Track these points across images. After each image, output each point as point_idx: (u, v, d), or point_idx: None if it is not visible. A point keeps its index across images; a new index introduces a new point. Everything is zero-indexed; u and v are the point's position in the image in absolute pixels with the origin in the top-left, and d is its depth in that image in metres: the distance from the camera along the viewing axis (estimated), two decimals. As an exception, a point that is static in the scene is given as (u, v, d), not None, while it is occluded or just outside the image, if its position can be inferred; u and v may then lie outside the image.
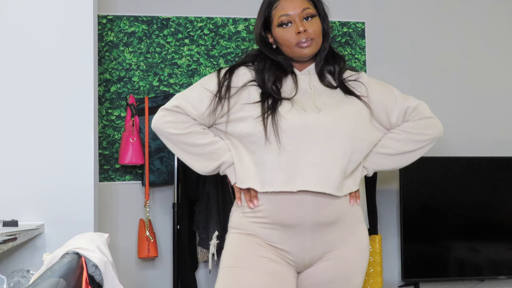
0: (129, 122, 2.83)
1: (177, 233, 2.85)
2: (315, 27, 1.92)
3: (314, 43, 1.91)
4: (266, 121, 1.80)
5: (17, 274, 1.69)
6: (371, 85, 2.01)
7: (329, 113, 1.86)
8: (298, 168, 1.80)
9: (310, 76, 1.96)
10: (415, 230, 3.05)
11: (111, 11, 3.01)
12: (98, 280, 1.37)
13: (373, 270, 2.99)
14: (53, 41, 2.14)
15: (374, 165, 2.00)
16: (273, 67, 1.94)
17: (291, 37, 1.90)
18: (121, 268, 2.70)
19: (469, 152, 3.22)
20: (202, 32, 3.08)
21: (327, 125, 1.84)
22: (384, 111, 1.98)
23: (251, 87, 1.90)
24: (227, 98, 1.88)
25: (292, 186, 1.79)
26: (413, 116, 2.00)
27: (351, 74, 2.02)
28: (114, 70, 2.99)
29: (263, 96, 1.87)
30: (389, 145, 1.99)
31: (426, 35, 3.31)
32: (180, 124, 1.90)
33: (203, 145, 1.90)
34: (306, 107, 1.85)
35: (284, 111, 1.83)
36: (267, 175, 1.81)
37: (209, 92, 1.90)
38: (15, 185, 2.09)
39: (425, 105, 2.04)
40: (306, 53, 1.91)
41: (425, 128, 2.00)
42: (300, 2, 1.93)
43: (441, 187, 3.09)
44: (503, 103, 3.36)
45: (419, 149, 2.01)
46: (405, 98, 2.02)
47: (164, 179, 2.89)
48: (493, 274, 3.11)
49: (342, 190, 1.86)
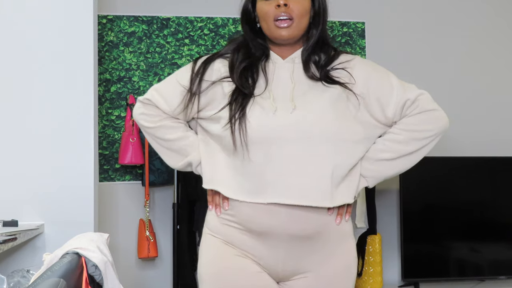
0: (129, 122, 2.83)
1: (177, 233, 2.85)
2: (300, 5, 1.69)
3: (294, 25, 1.69)
4: (234, 128, 1.63)
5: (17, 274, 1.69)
6: (364, 73, 1.75)
7: (306, 111, 1.64)
8: (269, 178, 1.60)
9: (294, 65, 1.74)
10: (415, 230, 3.05)
11: (111, 11, 3.01)
12: (98, 280, 1.37)
13: (373, 270, 2.99)
14: (53, 41, 2.14)
15: (374, 174, 1.74)
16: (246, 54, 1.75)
17: (270, 10, 1.68)
18: (121, 268, 2.70)
19: (469, 152, 3.22)
20: (202, 32, 3.08)
21: (302, 126, 1.62)
22: (378, 103, 1.72)
23: (224, 83, 1.72)
24: (198, 94, 1.73)
25: (263, 197, 1.60)
26: (412, 110, 1.73)
27: (341, 61, 1.77)
28: (114, 70, 2.99)
29: (233, 95, 1.68)
30: (388, 148, 1.73)
31: (426, 35, 3.31)
32: (150, 117, 1.78)
33: (172, 140, 1.78)
34: (280, 104, 1.65)
35: (253, 114, 1.64)
36: (238, 181, 1.65)
37: (182, 87, 1.75)
38: (15, 185, 2.09)
39: (427, 95, 1.77)
40: (283, 34, 1.69)
41: (427, 123, 1.74)
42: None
43: (441, 187, 3.09)
44: (503, 103, 3.36)
45: (423, 147, 1.76)
46: (404, 87, 1.75)
47: (164, 179, 2.89)
48: (493, 274, 3.11)
49: (333, 200, 1.63)
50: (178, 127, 1.78)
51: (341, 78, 1.71)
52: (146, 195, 2.87)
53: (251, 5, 1.77)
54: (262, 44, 1.76)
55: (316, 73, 1.73)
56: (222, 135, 1.67)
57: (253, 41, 1.76)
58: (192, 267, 2.87)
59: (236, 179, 1.65)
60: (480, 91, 3.34)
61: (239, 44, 1.78)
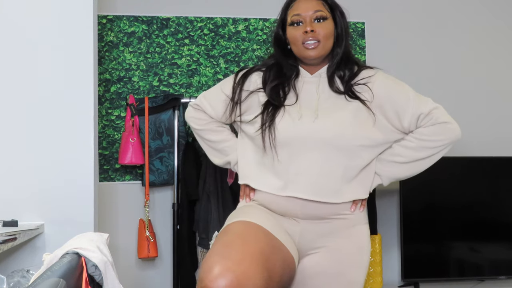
0: (129, 122, 2.83)
1: (177, 233, 2.85)
2: (325, 29, 1.96)
3: (321, 46, 1.96)
4: (264, 133, 1.93)
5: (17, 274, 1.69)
6: (384, 86, 1.99)
7: (326, 120, 1.91)
8: (291, 175, 1.90)
9: (320, 79, 2.01)
10: (415, 230, 3.05)
11: (111, 11, 3.01)
12: (98, 280, 1.37)
13: (373, 270, 2.99)
14: (53, 41, 2.14)
15: (387, 174, 2.01)
16: (278, 73, 2.03)
17: (299, 35, 1.96)
18: (121, 268, 2.70)
19: (469, 152, 3.22)
20: (202, 32, 3.08)
21: (321, 133, 1.89)
22: (395, 115, 1.96)
23: (260, 93, 2.03)
24: (239, 103, 2.04)
25: (283, 191, 1.91)
26: (426, 122, 1.96)
27: (363, 76, 2.01)
28: (114, 70, 2.99)
29: (265, 106, 1.98)
30: (400, 153, 1.99)
31: (426, 35, 3.31)
32: (199, 121, 2.13)
33: (215, 142, 2.13)
34: (304, 114, 1.93)
35: (281, 122, 1.93)
36: (264, 177, 1.96)
37: (225, 95, 2.07)
38: (15, 185, 2.09)
39: (441, 109, 1.99)
40: (311, 54, 1.96)
41: (439, 133, 1.96)
42: (313, 4, 1.99)
43: (441, 187, 3.09)
44: (503, 103, 3.36)
45: (433, 155, 1.99)
46: (420, 102, 1.98)
47: (164, 179, 2.89)
48: (493, 274, 3.11)
49: (342, 197, 1.92)
50: (221, 131, 2.13)
51: (362, 93, 1.97)
52: (146, 195, 2.87)
53: (281, 30, 2.05)
54: (293, 64, 2.05)
55: (340, 87, 1.99)
56: (255, 137, 1.97)
57: (284, 62, 2.04)
58: (192, 267, 2.87)
59: (264, 174, 1.96)
60: (480, 91, 3.34)
61: (273, 63, 2.07)
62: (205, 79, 3.05)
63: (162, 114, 2.89)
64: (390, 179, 2.04)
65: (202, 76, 3.04)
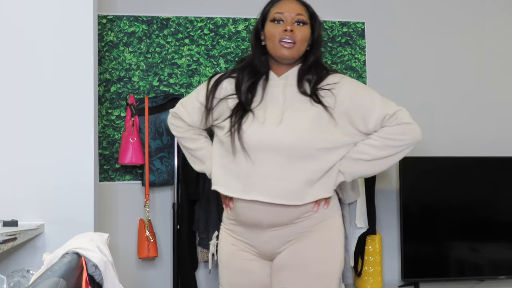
0: (129, 122, 2.83)
1: (177, 233, 2.85)
2: (303, 33, 2.04)
3: (296, 48, 2.03)
4: (232, 138, 1.99)
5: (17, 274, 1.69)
6: (349, 92, 2.04)
7: (289, 125, 1.96)
8: (255, 179, 1.95)
9: (287, 82, 2.06)
10: (415, 230, 3.05)
11: (111, 11, 3.01)
12: (98, 280, 1.37)
13: (373, 270, 2.99)
14: (53, 41, 2.14)
15: (351, 171, 2.04)
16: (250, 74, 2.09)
17: (278, 32, 2.02)
18: (121, 268, 2.69)
19: (469, 152, 3.22)
20: (202, 32, 3.08)
21: (283, 138, 1.94)
22: (361, 118, 2.02)
23: (229, 99, 2.09)
24: (211, 109, 2.11)
25: (248, 195, 1.96)
26: (391, 122, 2.02)
27: (329, 82, 2.05)
28: (114, 70, 3.00)
29: (233, 110, 2.05)
30: (365, 151, 2.03)
31: (426, 35, 3.31)
32: (178, 128, 2.21)
33: (193, 149, 2.20)
34: (268, 118, 1.99)
35: (247, 127, 1.99)
36: (230, 181, 2.02)
37: (200, 103, 2.14)
38: (15, 185, 2.09)
39: (405, 111, 2.05)
40: (285, 54, 2.02)
41: (402, 133, 2.02)
42: (297, 7, 2.07)
43: (441, 187, 3.09)
44: (503, 103, 3.36)
45: (395, 154, 2.04)
46: (385, 104, 2.04)
47: (164, 179, 2.89)
48: (493, 274, 3.11)
49: (304, 199, 1.96)
50: (197, 139, 2.19)
51: (325, 98, 2.02)
52: (146, 195, 2.87)
53: (260, 25, 2.11)
54: (265, 61, 2.09)
55: (307, 90, 2.04)
56: (224, 140, 2.03)
57: (258, 57, 2.09)
58: (192, 267, 2.87)
59: (230, 179, 2.02)
60: (479, 90, 3.34)
61: (245, 64, 2.13)
62: (205, 79, 3.04)
63: (162, 114, 2.88)
64: (353, 176, 2.07)
65: (202, 76, 3.04)
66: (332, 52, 3.19)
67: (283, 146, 1.94)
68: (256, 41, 2.12)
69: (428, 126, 3.26)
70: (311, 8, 2.11)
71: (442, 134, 3.27)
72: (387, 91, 3.24)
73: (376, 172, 2.13)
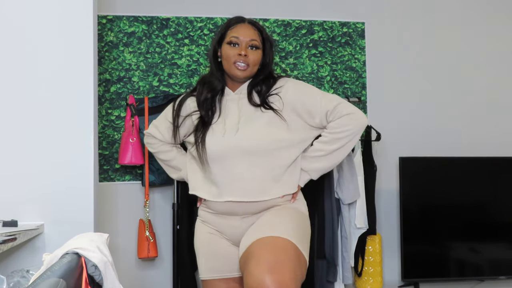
0: (129, 122, 2.83)
1: (177, 233, 2.85)
2: (255, 57, 2.33)
3: (249, 69, 2.32)
4: (198, 150, 2.28)
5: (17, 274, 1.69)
6: (294, 92, 2.31)
7: (246, 132, 2.24)
8: (225, 183, 2.23)
9: (241, 95, 2.34)
10: (415, 230, 3.05)
11: (111, 11, 3.01)
12: (98, 280, 1.37)
13: (373, 270, 2.99)
14: (53, 41, 2.14)
15: (313, 168, 2.32)
16: (208, 91, 2.36)
17: (233, 55, 2.30)
18: (121, 268, 2.69)
19: (469, 152, 3.22)
20: (202, 32, 3.08)
21: (242, 144, 2.22)
22: (308, 114, 2.29)
23: (193, 115, 2.38)
24: (178, 127, 2.41)
25: (220, 197, 2.24)
26: (334, 116, 2.28)
27: (276, 87, 2.33)
28: (114, 70, 2.99)
29: (196, 126, 2.34)
30: (318, 148, 2.31)
31: (426, 35, 3.31)
32: (152, 145, 2.52)
33: (168, 160, 2.51)
34: (228, 129, 2.27)
35: (209, 138, 2.27)
36: (206, 186, 2.30)
37: (169, 122, 2.44)
38: (15, 185, 2.08)
39: (345, 103, 2.30)
40: (239, 74, 2.31)
41: (345, 124, 2.27)
42: (251, 32, 2.34)
43: (441, 187, 3.09)
44: (503, 103, 3.36)
45: (347, 143, 2.30)
46: (325, 100, 2.29)
47: (164, 179, 2.89)
48: (493, 274, 3.11)
49: (270, 194, 2.23)
50: (170, 150, 2.49)
51: (274, 102, 2.30)
52: (146, 195, 2.87)
53: (217, 44, 2.39)
54: (221, 77, 2.38)
55: (257, 101, 2.32)
56: (193, 154, 2.34)
57: (215, 73, 2.38)
58: (192, 267, 2.87)
59: (205, 184, 2.30)
60: (480, 90, 3.34)
61: (203, 79, 2.43)
62: (205, 79, 3.05)
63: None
64: (317, 172, 2.34)
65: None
66: (332, 52, 3.19)
67: (243, 150, 2.21)
68: (213, 58, 2.39)
69: (428, 126, 3.27)
70: (265, 32, 2.39)
71: (442, 134, 3.27)
72: (387, 91, 3.25)
73: (335, 165, 2.39)
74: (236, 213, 2.26)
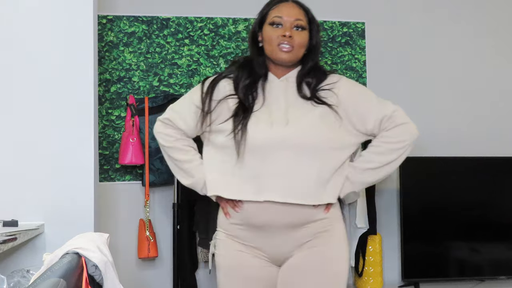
0: (129, 122, 2.83)
1: (177, 233, 2.85)
2: (301, 38, 2.04)
3: (294, 53, 2.04)
4: (237, 138, 1.97)
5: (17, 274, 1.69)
6: (348, 91, 2.08)
7: (297, 125, 1.98)
8: (265, 179, 1.95)
9: (288, 83, 2.07)
10: (415, 230, 3.05)
11: (111, 11, 3.01)
12: (98, 280, 1.37)
13: (373, 270, 2.99)
14: (53, 41, 2.14)
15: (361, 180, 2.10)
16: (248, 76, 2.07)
17: (276, 36, 2.03)
18: (121, 268, 2.69)
19: (470, 152, 3.22)
20: (202, 32, 3.08)
21: (293, 137, 1.96)
22: (359, 118, 2.06)
23: (229, 99, 2.06)
24: (209, 112, 2.06)
25: (259, 196, 1.95)
26: (389, 124, 2.06)
27: (328, 82, 2.08)
28: (114, 70, 2.99)
29: (236, 110, 2.02)
30: (372, 159, 2.08)
31: (426, 35, 3.31)
32: (168, 137, 2.12)
33: (181, 161, 2.12)
34: (275, 118, 1.99)
35: (253, 126, 1.97)
36: (236, 185, 1.98)
37: (195, 106, 2.08)
38: (16, 185, 2.08)
39: (400, 111, 2.09)
40: (284, 57, 2.03)
41: (402, 134, 2.07)
42: (296, 11, 2.06)
43: (441, 187, 3.09)
44: (503, 103, 3.36)
45: (401, 155, 2.09)
46: (381, 105, 2.08)
47: (164, 179, 2.89)
48: (493, 274, 3.11)
49: (317, 199, 1.98)
50: (188, 150, 2.12)
51: (327, 98, 2.04)
52: (146, 195, 2.87)
53: (257, 27, 2.11)
54: (263, 63, 2.09)
55: (307, 93, 2.06)
56: (226, 144, 1.99)
57: (256, 58, 2.09)
58: (192, 267, 2.87)
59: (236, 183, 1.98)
60: (480, 90, 3.34)
61: (241, 64, 2.12)
62: (205, 79, 3.05)
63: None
64: (363, 185, 2.18)
65: (202, 76, 3.04)
66: (332, 52, 3.19)
67: (293, 144, 1.95)
68: (253, 42, 2.12)
69: (428, 126, 3.27)
70: (310, 12, 2.10)
71: (442, 134, 3.27)
72: (387, 91, 3.24)
73: (382, 179, 2.15)
74: (273, 223, 1.97)
